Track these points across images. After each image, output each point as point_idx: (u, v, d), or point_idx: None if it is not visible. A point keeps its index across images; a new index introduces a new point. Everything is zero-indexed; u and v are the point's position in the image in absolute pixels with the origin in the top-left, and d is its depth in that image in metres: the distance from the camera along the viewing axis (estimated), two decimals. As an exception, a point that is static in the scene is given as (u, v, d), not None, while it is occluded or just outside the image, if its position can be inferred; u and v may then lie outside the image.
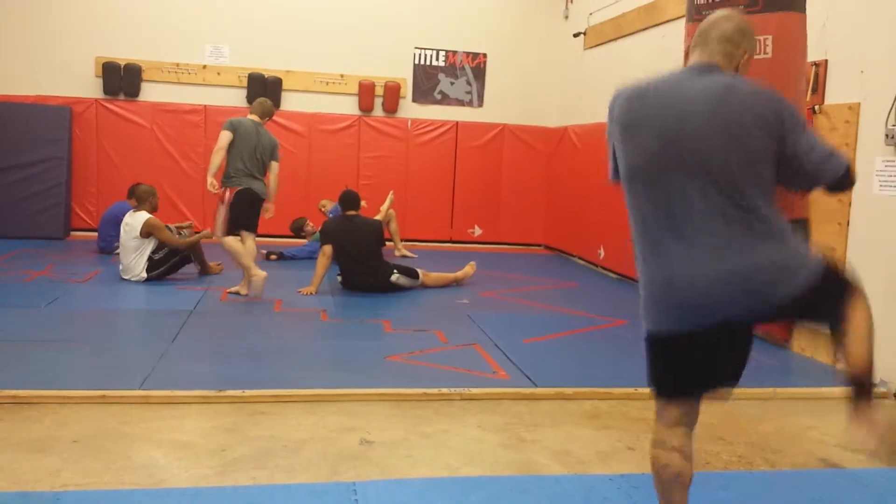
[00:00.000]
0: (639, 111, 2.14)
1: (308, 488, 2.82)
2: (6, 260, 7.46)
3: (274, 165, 6.26)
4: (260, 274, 6.05)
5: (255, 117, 6.26)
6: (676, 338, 2.16)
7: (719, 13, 2.31)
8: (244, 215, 6.14)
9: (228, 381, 3.93)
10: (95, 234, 8.47)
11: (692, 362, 2.20)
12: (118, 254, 7.50)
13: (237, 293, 6.18)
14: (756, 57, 2.73)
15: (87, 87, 9.47)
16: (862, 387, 2.06)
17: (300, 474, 2.98)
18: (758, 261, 2.03)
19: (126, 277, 6.68)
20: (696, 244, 2.05)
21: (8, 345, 4.50)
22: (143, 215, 6.65)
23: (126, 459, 3.04)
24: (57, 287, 6.34)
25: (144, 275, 6.62)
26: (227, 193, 6.06)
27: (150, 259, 6.65)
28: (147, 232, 6.57)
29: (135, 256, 6.63)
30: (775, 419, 3.83)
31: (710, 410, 3.86)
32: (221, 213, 6.10)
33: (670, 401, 2.24)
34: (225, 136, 5.98)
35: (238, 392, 3.76)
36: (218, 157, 6.00)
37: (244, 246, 6.13)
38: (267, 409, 3.66)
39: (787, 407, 4.05)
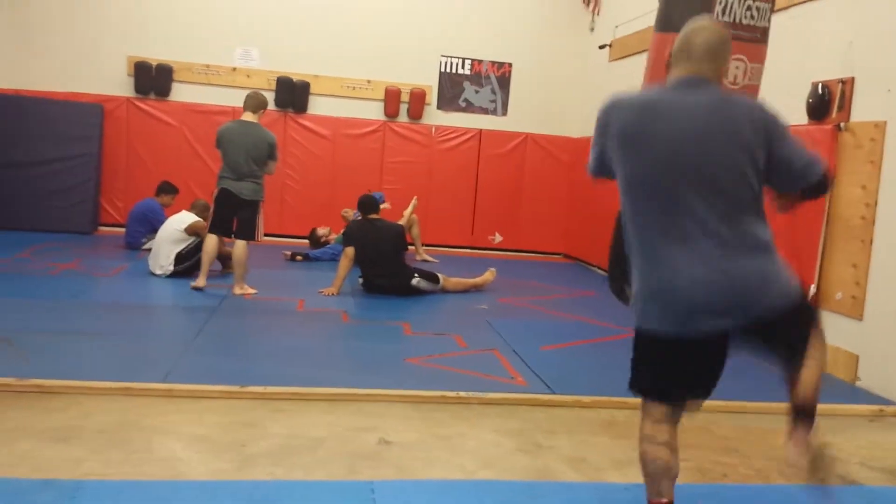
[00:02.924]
0: (639, 125, 2.24)
1: (326, 486, 2.86)
2: (34, 252, 7.61)
3: (271, 165, 6.25)
4: (200, 283, 6.22)
5: (248, 114, 6.26)
6: (673, 340, 2.25)
7: (700, 24, 2.38)
8: (217, 216, 6.26)
9: (249, 377, 3.98)
10: (122, 229, 8.61)
11: (681, 366, 2.31)
12: (145, 249, 7.63)
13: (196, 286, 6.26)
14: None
15: (119, 85, 9.64)
16: (806, 414, 2.19)
17: (318, 471, 3.02)
18: (751, 269, 2.17)
19: (154, 271, 6.81)
20: (696, 250, 2.16)
21: (35, 335, 4.59)
22: (193, 216, 6.86)
23: (147, 451, 3.10)
24: (84, 280, 6.45)
25: (171, 268, 6.74)
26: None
27: (177, 254, 6.77)
28: (193, 231, 6.71)
29: (170, 248, 6.77)
30: (793, 435, 3.81)
31: (729, 423, 3.87)
32: None
33: (657, 401, 2.34)
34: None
35: (259, 388, 3.82)
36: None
37: (235, 251, 6.21)
38: (286, 407, 3.70)
39: (806, 423, 4.02)
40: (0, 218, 8.82)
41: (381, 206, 7.47)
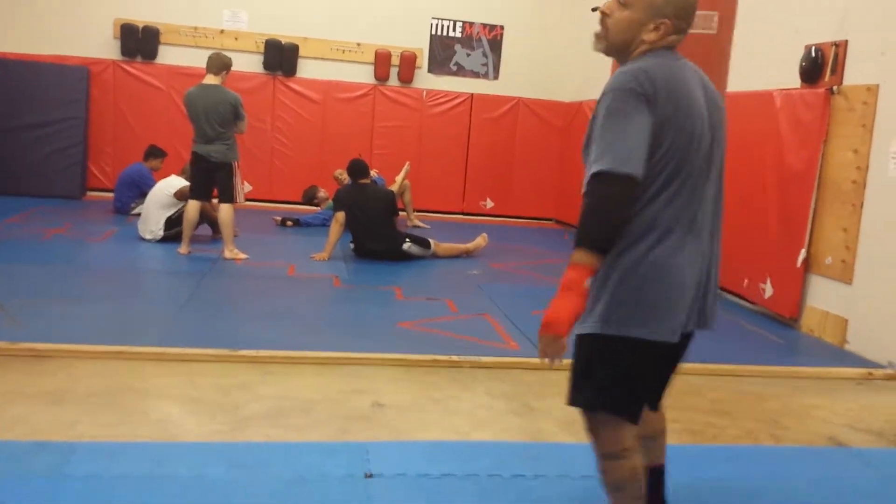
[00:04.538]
0: (673, 102, 1.84)
1: (321, 447, 2.87)
2: (24, 218, 7.54)
3: (240, 125, 6.19)
4: (182, 250, 6.30)
5: (210, 77, 6.21)
6: (669, 346, 1.93)
7: None
8: (194, 181, 6.31)
9: (241, 341, 3.99)
10: (111, 194, 8.53)
11: (662, 375, 2.09)
12: (134, 214, 7.58)
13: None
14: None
15: (105, 48, 9.47)
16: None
17: (312, 433, 3.03)
18: (717, 270, 2.03)
19: (143, 235, 6.78)
20: (704, 242, 1.94)
21: (26, 300, 4.56)
22: (182, 181, 6.81)
23: (141, 413, 3.10)
24: (74, 245, 6.41)
25: (161, 233, 6.72)
26: None
27: (167, 219, 6.73)
28: (182, 195, 6.67)
29: (159, 212, 6.74)
30: (782, 397, 3.86)
31: (720, 387, 3.91)
32: None
33: (636, 420, 2.00)
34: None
35: (251, 352, 3.82)
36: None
37: (219, 215, 6.23)
38: (278, 370, 3.71)
39: (794, 385, 4.07)
40: (-13, 183, 8.71)
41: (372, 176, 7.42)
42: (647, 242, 1.86)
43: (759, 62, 5.80)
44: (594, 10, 2.12)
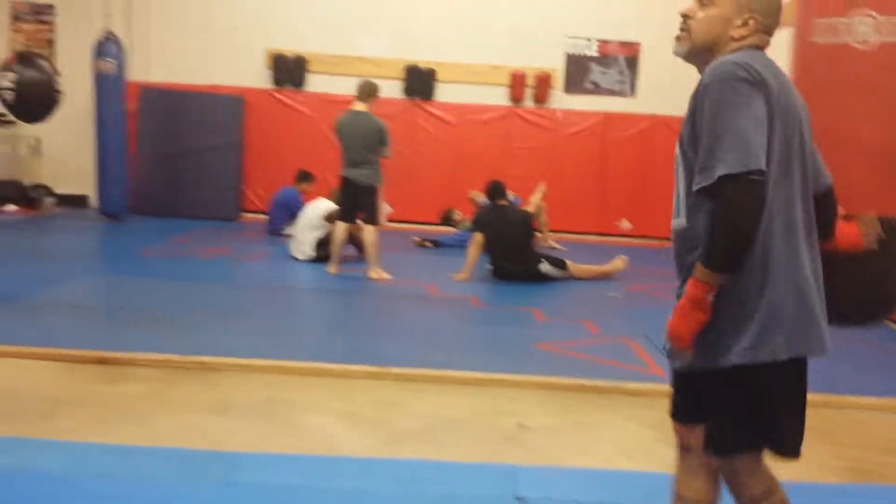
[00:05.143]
0: (782, 96, 1.76)
1: (471, 467, 2.93)
2: (189, 238, 8.18)
3: (385, 150, 6.42)
4: (331, 269, 6.58)
5: (358, 104, 6.47)
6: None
7: None
8: (341, 204, 6.62)
9: (389, 358, 4.14)
10: (264, 216, 9.09)
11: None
12: (285, 235, 8.03)
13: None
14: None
15: (259, 77, 10.14)
16: None
17: (461, 452, 3.11)
18: None
19: (296, 255, 7.18)
20: (814, 248, 1.83)
21: (191, 314, 4.95)
22: (331, 204, 7.16)
23: (300, 426, 3.29)
24: (233, 264, 6.89)
25: (312, 253, 7.09)
26: None
27: (318, 240, 7.10)
28: (332, 218, 7.01)
29: (310, 234, 7.11)
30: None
31: (884, 422, 3.66)
32: None
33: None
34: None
35: (400, 369, 3.96)
36: None
37: (364, 236, 6.51)
38: (426, 388, 3.82)
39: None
40: (156, 205, 9.53)
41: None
42: (776, 246, 1.73)
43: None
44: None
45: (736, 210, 1.66)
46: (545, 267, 6.76)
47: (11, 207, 9.35)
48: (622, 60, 10.30)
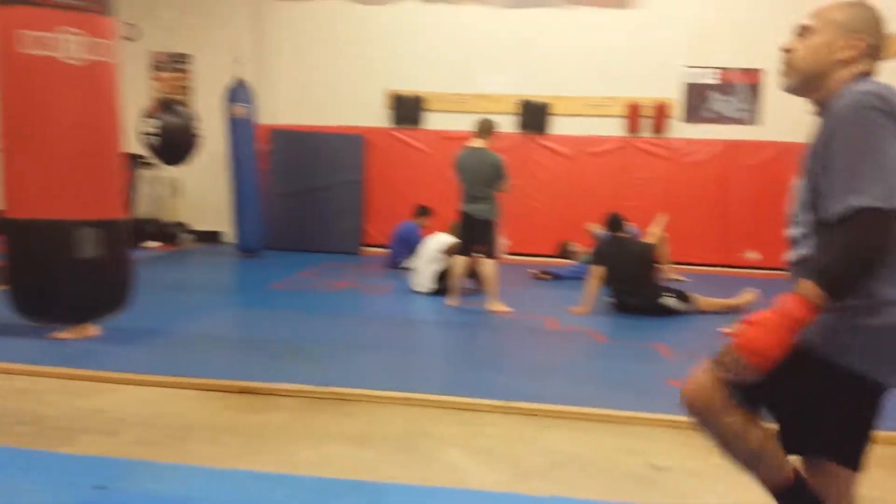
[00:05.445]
0: None
1: (607, 506, 2.92)
2: (315, 272, 8.55)
3: (503, 184, 6.53)
4: (451, 302, 6.74)
5: (476, 140, 6.60)
6: None
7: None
8: (461, 237, 6.70)
9: (513, 392, 4.17)
10: (384, 249, 9.38)
11: None
12: (404, 268, 8.26)
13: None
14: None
15: (379, 117, 10.53)
16: None
17: (591, 491, 3.08)
18: None
19: (416, 288, 7.36)
20: None
21: (321, 346, 5.16)
22: (450, 238, 7.37)
23: (433, 459, 3.36)
24: (358, 297, 7.14)
25: (433, 286, 7.26)
26: None
27: (438, 273, 7.28)
28: (451, 251, 7.21)
29: (430, 267, 7.31)
30: None
31: None
32: None
33: None
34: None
35: (528, 404, 3.98)
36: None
37: (482, 270, 6.57)
38: (552, 423, 3.82)
39: None
40: (284, 240, 10.03)
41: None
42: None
43: None
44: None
45: (871, 241, 1.65)
46: (668, 300, 6.62)
47: (153, 243, 10.08)
48: (745, 87, 10.03)
